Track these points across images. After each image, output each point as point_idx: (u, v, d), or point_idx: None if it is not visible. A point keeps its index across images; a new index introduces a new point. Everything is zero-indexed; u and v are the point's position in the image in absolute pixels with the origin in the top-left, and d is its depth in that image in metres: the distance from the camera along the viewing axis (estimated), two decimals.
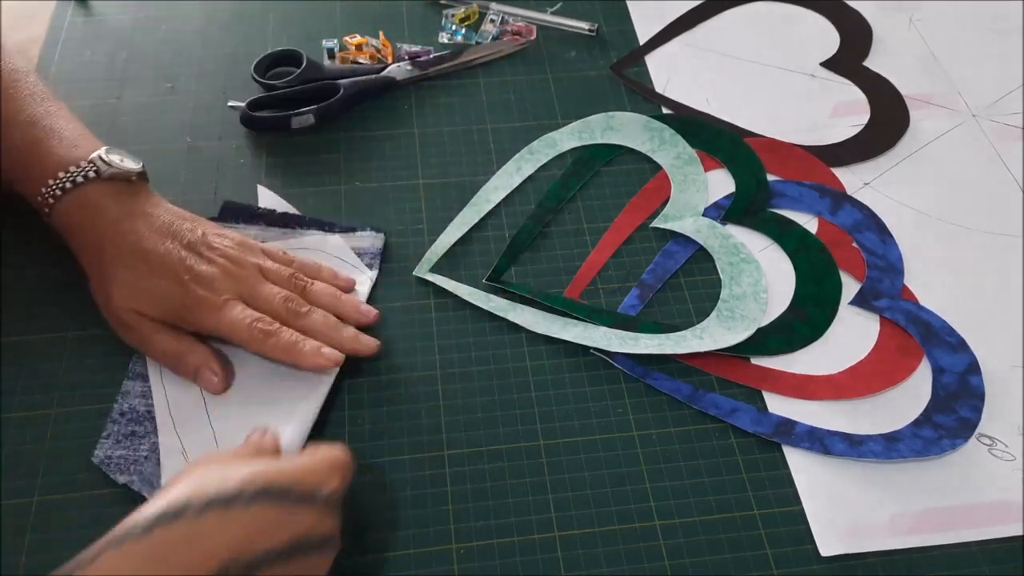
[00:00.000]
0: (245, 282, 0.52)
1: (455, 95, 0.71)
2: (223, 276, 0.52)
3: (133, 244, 0.52)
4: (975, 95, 0.71)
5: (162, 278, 0.51)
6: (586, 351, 0.56)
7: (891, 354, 0.56)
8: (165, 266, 0.51)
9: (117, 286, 0.51)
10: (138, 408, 0.52)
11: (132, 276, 0.51)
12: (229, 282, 0.51)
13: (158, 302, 0.51)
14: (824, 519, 0.49)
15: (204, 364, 0.51)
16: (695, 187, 0.64)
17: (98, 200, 0.53)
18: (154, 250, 0.51)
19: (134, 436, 0.50)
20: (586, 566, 0.48)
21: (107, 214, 0.53)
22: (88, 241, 0.53)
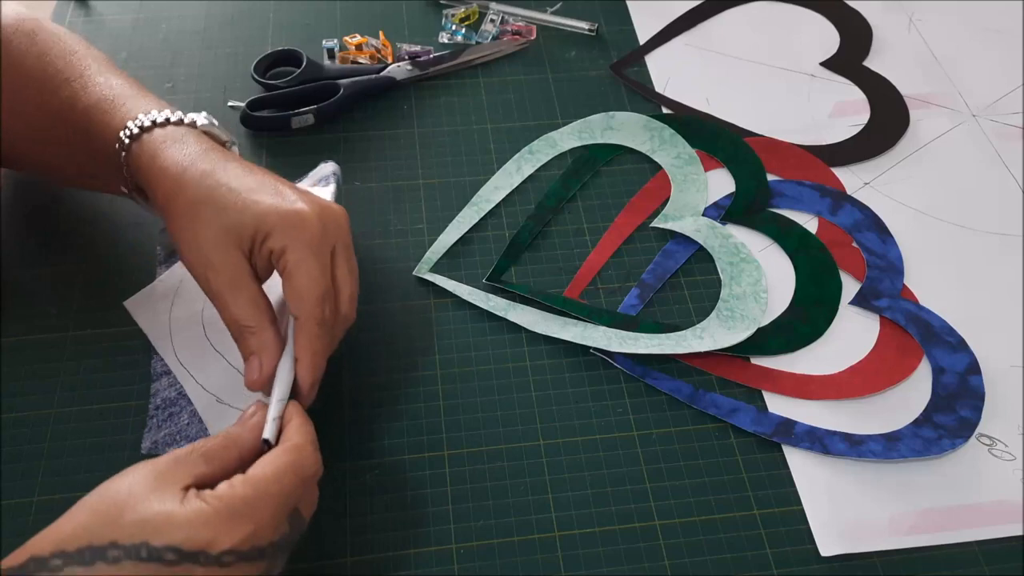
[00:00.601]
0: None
1: (455, 95, 0.71)
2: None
3: (225, 178, 0.46)
4: (975, 95, 0.71)
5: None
6: (586, 351, 0.56)
7: (891, 354, 0.56)
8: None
9: (214, 220, 0.45)
10: (170, 395, 0.53)
11: (224, 214, 0.45)
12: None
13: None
14: (824, 519, 0.49)
15: (259, 352, 0.45)
16: (695, 187, 0.64)
17: (187, 136, 0.49)
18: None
19: (172, 416, 0.52)
20: (586, 566, 0.48)
21: (197, 149, 0.48)
22: (172, 176, 0.47)
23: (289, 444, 0.42)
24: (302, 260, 0.45)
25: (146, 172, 0.48)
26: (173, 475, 0.39)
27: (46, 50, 0.54)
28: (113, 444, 0.51)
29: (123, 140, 0.49)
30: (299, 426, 0.43)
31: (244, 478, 0.39)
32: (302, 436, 0.42)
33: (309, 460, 0.42)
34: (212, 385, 0.52)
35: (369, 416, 0.53)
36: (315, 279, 0.45)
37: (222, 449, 0.41)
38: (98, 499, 0.38)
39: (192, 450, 0.40)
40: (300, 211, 0.45)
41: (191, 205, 0.46)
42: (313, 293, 0.45)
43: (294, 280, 0.45)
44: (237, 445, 0.42)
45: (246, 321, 0.45)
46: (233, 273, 0.45)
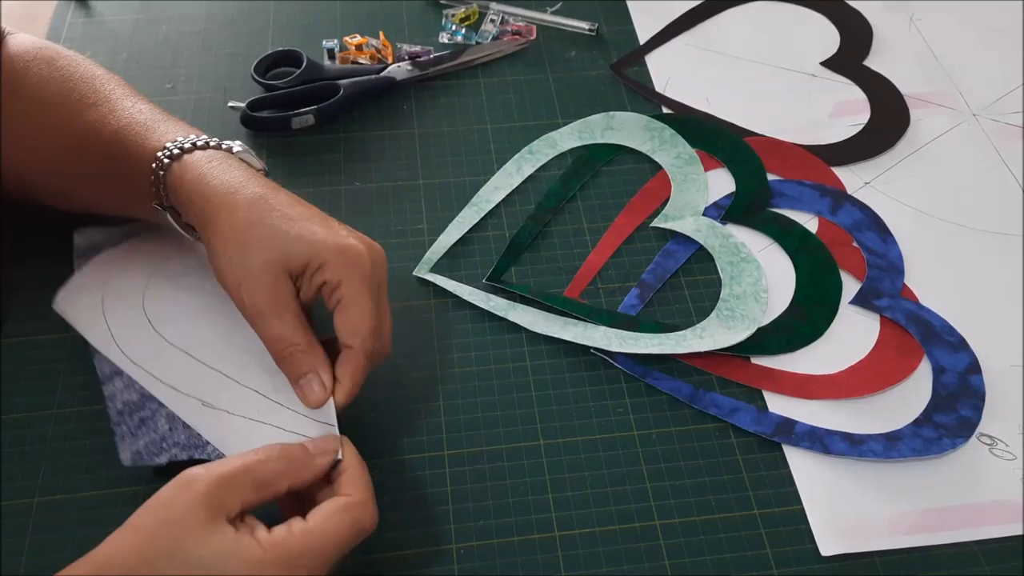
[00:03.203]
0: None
1: (455, 95, 0.71)
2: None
3: (277, 204, 0.47)
4: (975, 95, 0.71)
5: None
6: (586, 351, 0.56)
7: (891, 353, 0.56)
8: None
9: (266, 243, 0.46)
10: (131, 397, 0.50)
11: (273, 237, 0.46)
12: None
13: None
14: (824, 519, 0.49)
15: (318, 369, 0.46)
16: (695, 187, 0.64)
17: (230, 159, 0.49)
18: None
19: (144, 421, 0.49)
20: (586, 566, 0.48)
21: (244, 173, 0.48)
22: (222, 196, 0.47)
23: (354, 500, 0.42)
24: (358, 294, 0.46)
25: (189, 191, 0.48)
26: (224, 503, 0.39)
27: (68, 76, 0.54)
28: (113, 444, 0.51)
29: (162, 160, 0.49)
30: (358, 477, 0.43)
31: (305, 528, 0.39)
32: (364, 491, 0.42)
33: (369, 519, 0.42)
34: (185, 386, 0.49)
35: (369, 416, 0.53)
36: (368, 313, 0.46)
37: (278, 478, 0.41)
38: (153, 523, 0.38)
39: (245, 471, 0.40)
40: (355, 247, 0.46)
41: (243, 227, 0.46)
42: (367, 326, 0.46)
43: (350, 313, 0.46)
44: (291, 479, 0.41)
45: (296, 339, 0.46)
46: (281, 295, 0.46)
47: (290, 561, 0.38)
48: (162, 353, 0.50)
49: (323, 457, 0.43)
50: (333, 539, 0.40)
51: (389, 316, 0.49)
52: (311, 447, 0.43)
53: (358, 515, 0.41)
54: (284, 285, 0.46)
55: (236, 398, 0.48)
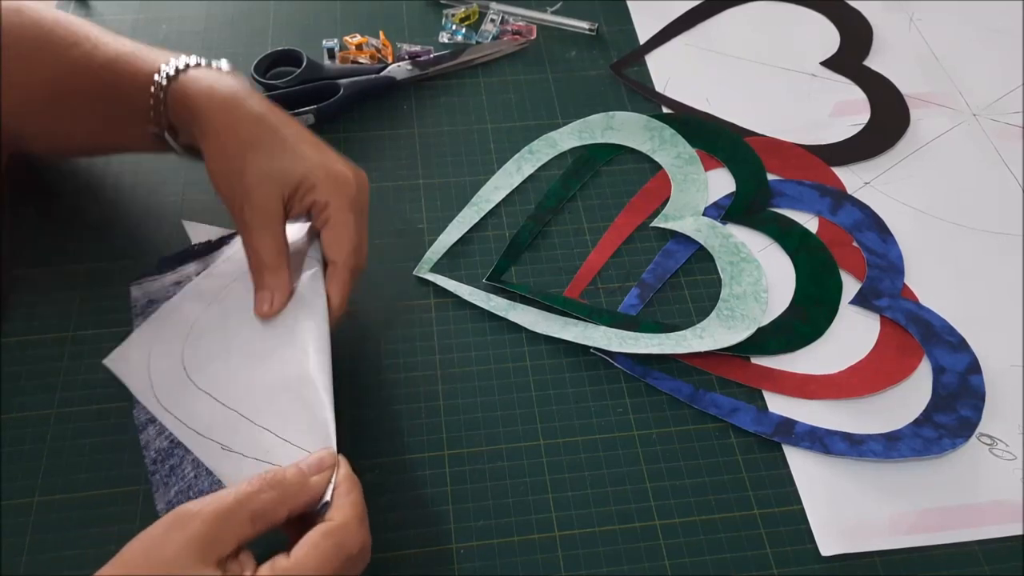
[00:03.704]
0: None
1: (455, 95, 0.71)
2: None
3: (276, 123, 0.51)
4: (975, 95, 0.71)
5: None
6: (586, 351, 0.56)
7: (891, 353, 0.56)
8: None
9: (264, 161, 0.49)
10: (162, 445, 0.50)
11: (271, 152, 0.49)
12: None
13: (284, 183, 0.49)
14: (824, 519, 0.49)
15: (274, 290, 0.49)
16: (695, 187, 0.64)
17: (227, 77, 0.52)
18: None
19: (174, 469, 0.49)
20: (586, 566, 0.48)
21: (245, 89, 0.52)
22: (227, 109, 0.50)
23: (334, 524, 0.40)
24: (343, 216, 0.50)
25: (190, 108, 0.51)
26: (217, 543, 0.38)
27: (39, 21, 0.55)
28: (113, 444, 0.51)
29: (160, 82, 0.52)
30: (343, 496, 0.41)
31: (287, 565, 0.38)
32: (346, 513, 0.41)
33: (353, 539, 0.40)
34: (207, 429, 0.49)
35: (369, 416, 0.53)
36: (352, 233, 0.50)
37: (273, 508, 0.40)
38: (143, 562, 0.37)
39: (240, 505, 0.39)
40: (344, 173, 0.51)
41: (244, 143, 0.49)
42: (351, 244, 0.50)
43: (336, 231, 0.50)
44: (288, 505, 0.40)
45: (267, 259, 0.49)
46: (269, 213, 0.49)
47: None
48: (191, 398, 0.50)
49: (318, 478, 0.42)
50: (314, 571, 0.38)
51: (366, 237, 0.52)
52: (306, 468, 0.42)
53: (340, 539, 0.39)
54: (275, 205, 0.49)
55: (249, 438, 0.47)
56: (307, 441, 0.45)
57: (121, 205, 0.63)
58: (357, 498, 0.42)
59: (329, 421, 0.45)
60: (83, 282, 0.58)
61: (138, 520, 0.48)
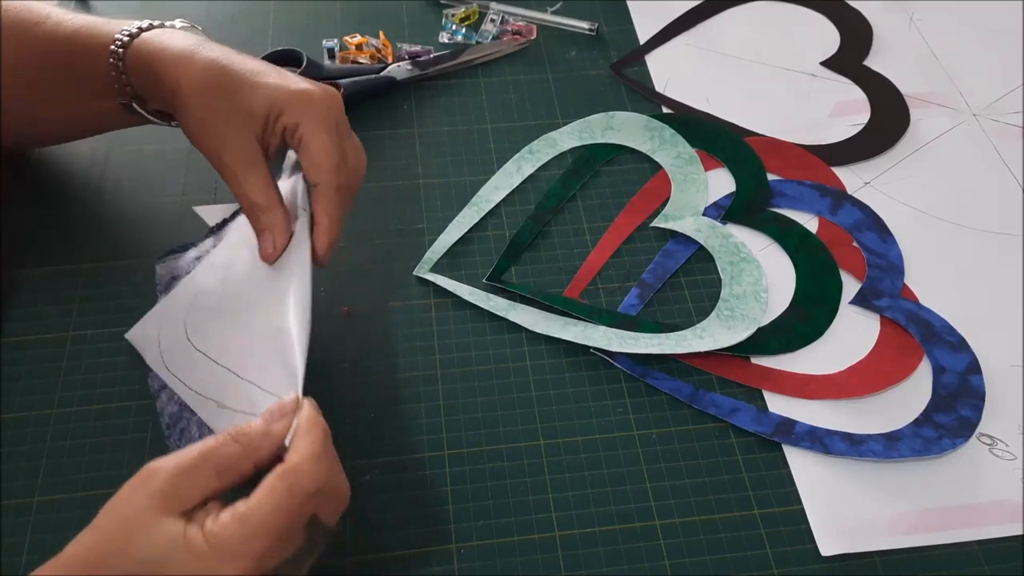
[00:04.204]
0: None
1: (455, 95, 0.71)
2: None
3: (231, 63, 0.50)
4: (975, 95, 0.71)
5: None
6: (586, 351, 0.56)
7: (891, 353, 0.56)
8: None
9: (228, 103, 0.49)
10: (173, 409, 0.51)
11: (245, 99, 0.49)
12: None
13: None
14: (824, 519, 0.49)
15: (272, 229, 0.49)
16: (695, 187, 0.64)
17: (179, 32, 0.52)
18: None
19: (184, 432, 0.50)
20: (586, 566, 0.48)
21: (196, 39, 0.51)
22: (181, 64, 0.50)
23: (286, 466, 0.39)
24: (316, 132, 0.48)
25: (149, 68, 0.51)
26: (181, 495, 0.38)
27: (8, 5, 0.55)
28: (113, 444, 0.51)
29: (117, 51, 0.51)
30: (301, 437, 0.41)
31: (244, 511, 0.38)
32: (302, 453, 0.40)
33: (306, 480, 0.39)
34: (205, 388, 0.50)
35: (369, 416, 0.53)
36: (329, 149, 0.49)
37: (237, 460, 0.40)
38: (110, 518, 0.38)
39: (204, 460, 0.39)
40: (307, 90, 0.49)
41: (204, 89, 0.49)
42: (330, 160, 0.48)
43: (312, 150, 0.48)
44: (253, 456, 0.40)
45: (258, 199, 0.48)
46: (247, 153, 0.49)
47: (231, 549, 0.37)
48: (191, 360, 0.51)
49: (279, 425, 0.41)
50: (271, 514, 0.38)
51: (359, 153, 0.52)
52: (269, 417, 0.42)
53: (293, 480, 0.38)
54: (250, 143, 0.49)
55: (238, 393, 0.48)
56: (283, 391, 0.45)
57: (121, 205, 0.63)
58: (317, 436, 0.41)
59: (298, 366, 0.44)
60: (83, 282, 0.58)
61: None
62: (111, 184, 0.64)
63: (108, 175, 0.64)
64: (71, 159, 0.65)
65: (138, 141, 0.66)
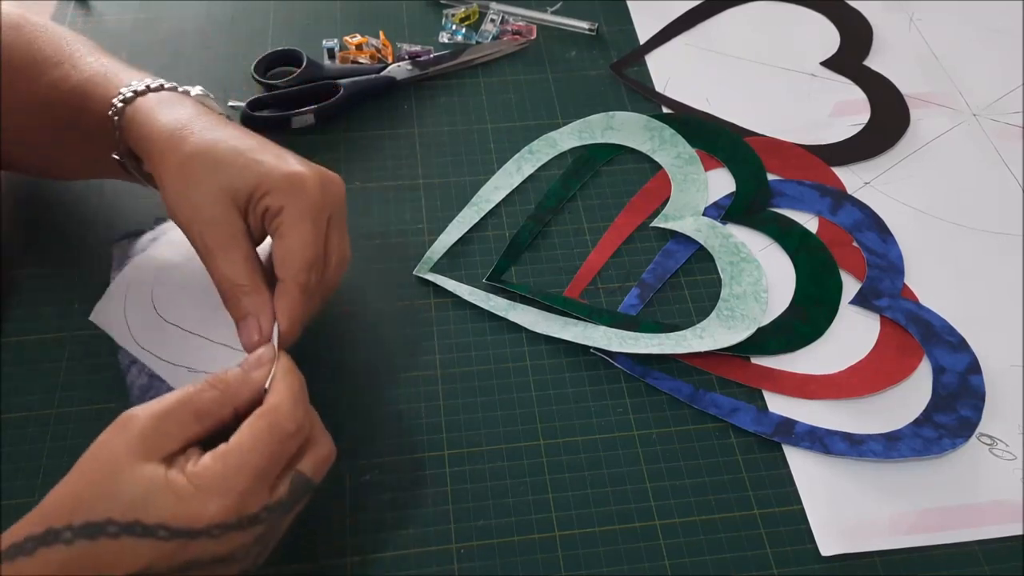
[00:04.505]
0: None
1: (455, 95, 0.71)
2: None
3: (225, 136, 0.46)
4: (975, 95, 0.71)
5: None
6: (586, 351, 0.56)
7: (891, 353, 0.56)
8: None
9: (211, 176, 0.45)
10: (143, 382, 0.51)
11: (223, 171, 0.45)
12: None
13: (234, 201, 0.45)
14: (824, 519, 0.49)
15: (257, 314, 0.45)
16: (695, 187, 0.64)
17: (184, 100, 0.50)
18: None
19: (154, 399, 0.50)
20: (586, 566, 0.48)
21: (194, 110, 0.48)
22: (169, 131, 0.47)
23: (265, 407, 0.40)
24: (298, 223, 0.44)
25: (140, 130, 0.48)
26: (161, 440, 0.38)
27: (33, 39, 0.54)
28: None
29: (116, 105, 0.49)
30: (279, 381, 0.41)
31: (216, 453, 0.38)
32: (278, 394, 0.40)
33: (285, 419, 0.39)
34: (177, 357, 0.50)
35: (369, 416, 0.53)
36: (307, 244, 0.44)
37: (216, 405, 0.40)
38: (91, 464, 0.39)
39: (182, 405, 0.39)
40: (301, 174, 0.45)
41: (189, 159, 0.45)
42: (302, 257, 0.44)
43: (286, 241, 0.44)
44: (232, 401, 0.40)
45: (240, 280, 0.45)
46: (228, 230, 0.45)
47: (213, 487, 0.37)
48: (162, 332, 0.51)
49: (258, 371, 0.42)
50: (251, 452, 0.38)
51: (344, 247, 0.48)
52: (247, 366, 0.42)
53: (273, 419, 0.39)
54: (233, 220, 0.45)
55: (211, 356, 0.49)
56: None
57: (121, 205, 0.63)
58: (293, 381, 0.41)
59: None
60: (83, 282, 0.58)
61: None
62: (111, 183, 0.64)
63: None
64: None
65: None
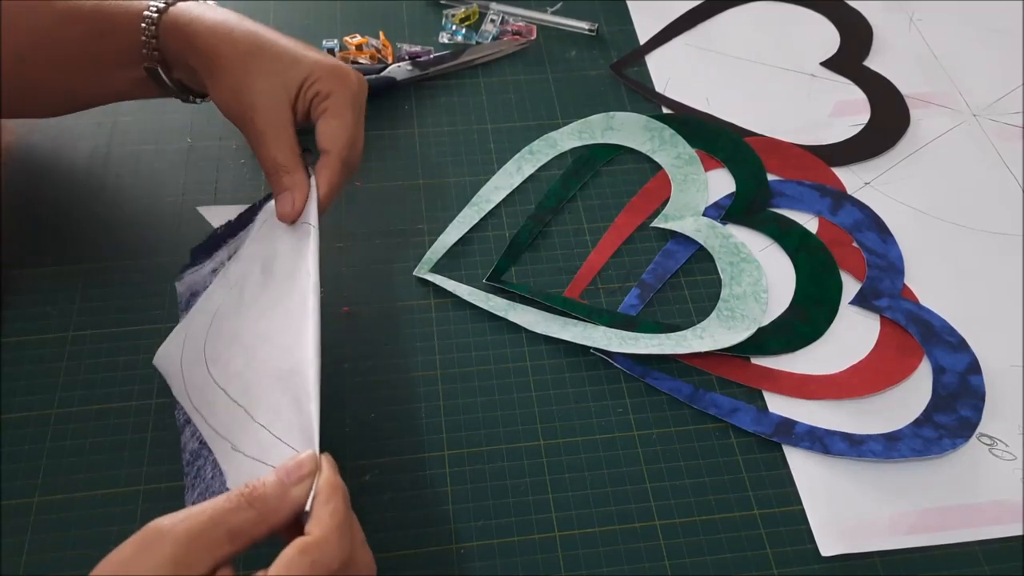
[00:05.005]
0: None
1: (455, 95, 0.71)
2: None
3: (271, 36, 0.52)
4: (975, 95, 0.71)
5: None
6: (586, 351, 0.56)
7: (891, 354, 0.56)
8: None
9: (267, 68, 0.51)
10: (194, 447, 0.49)
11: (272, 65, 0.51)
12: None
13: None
14: (824, 519, 0.49)
15: (293, 189, 0.50)
16: (695, 187, 0.64)
17: (214, 6, 0.54)
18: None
19: (200, 470, 0.47)
20: (586, 566, 0.48)
21: (235, 14, 0.53)
22: (221, 32, 0.52)
23: (310, 540, 0.37)
24: (343, 107, 0.51)
25: (184, 35, 0.52)
26: (192, 563, 0.35)
27: None
28: (113, 444, 0.51)
29: (151, 16, 0.53)
30: (324, 504, 0.38)
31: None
32: (325, 525, 0.38)
33: (331, 554, 0.37)
34: (223, 427, 0.47)
35: (369, 416, 0.53)
36: (349, 124, 0.51)
37: (252, 526, 0.37)
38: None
39: (214, 525, 0.36)
40: (346, 68, 0.52)
41: (243, 56, 0.51)
42: (346, 134, 0.51)
43: (333, 121, 0.51)
44: (269, 521, 0.38)
45: (284, 161, 0.50)
46: (278, 117, 0.51)
47: None
48: (211, 394, 0.48)
49: (298, 489, 0.39)
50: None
51: (363, 137, 0.54)
52: (285, 478, 0.39)
53: (316, 556, 0.36)
54: (283, 108, 0.51)
55: (250, 437, 0.45)
56: (296, 439, 0.42)
57: (121, 205, 0.63)
58: (337, 506, 0.38)
59: (313, 414, 0.42)
60: (83, 282, 0.58)
61: (138, 520, 0.48)
62: (111, 183, 0.64)
63: (108, 174, 0.64)
64: (71, 158, 0.65)
65: (138, 141, 0.66)
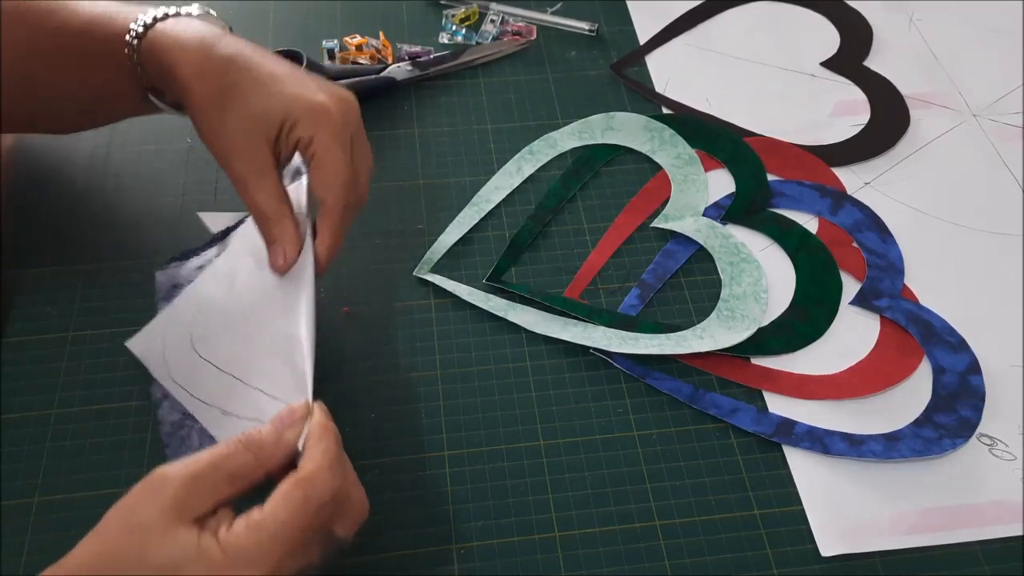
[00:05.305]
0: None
1: (455, 95, 0.71)
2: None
3: (248, 64, 0.49)
4: (975, 95, 0.71)
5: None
6: (586, 351, 0.56)
7: (891, 354, 0.56)
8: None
9: (242, 107, 0.48)
10: (174, 418, 0.50)
11: (258, 95, 0.48)
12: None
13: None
14: (824, 519, 0.49)
15: (282, 241, 0.48)
16: (695, 187, 0.64)
17: (195, 22, 0.51)
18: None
19: (184, 440, 0.49)
20: (586, 566, 0.48)
21: (213, 31, 0.50)
22: (195, 61, 0.48)
23: (300, 475, 0.39)
24: (329, 149, 0.48)
25: (163, 60, 0.49)
26: (192, 504, 0.37)
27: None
28: (113, 444, 0.51)
29: (131, 42, 0.50)
30: (316, 443, 0.40)
31: (258, 520, 0.37)
32: (316, 461, 0.39)
33: (323, 487, 0.39)
34: (209, 396, 0.49)
35: (369, 416, 0.53)
36: (340, 168, 0.48)
37: (250, 469, 0.39)
38: (122, 524, 0.37)
39: (215, 468, 0.38)
40: (324, 103, 0.48)
41: (218, 92, 0.48)
42: (341, 179, 0.48)
43: (323, 168, 0.48)
44: (266, 464, 0.40)
45: (268, 211, 0.48)
46: (258, 160, 0.48)
47: (247, 557, 0.37)
48: (196, 369, 0.50)
49: (291, 432, 0.41)
50: (286, 523, 0.37)
51: (368, 160, 0.51)
52: (279, 424, 0.41)
53: (308, 489, 0.38)
54: (263, 150, 0.48)
55: (245, 400, 0.48)
56: (293, 396, 0.44)
57: (121, 205, 0.63)
58: (328, 445, 0.40)
59: (308, 371, 0.44)
60: (83, 282, 0.58)
61: None
62: (111, 184, 0.64)
63: (108, 175, 0.64)
64: (71, 159, 0.65)
65: (138, 141, 0.66)
